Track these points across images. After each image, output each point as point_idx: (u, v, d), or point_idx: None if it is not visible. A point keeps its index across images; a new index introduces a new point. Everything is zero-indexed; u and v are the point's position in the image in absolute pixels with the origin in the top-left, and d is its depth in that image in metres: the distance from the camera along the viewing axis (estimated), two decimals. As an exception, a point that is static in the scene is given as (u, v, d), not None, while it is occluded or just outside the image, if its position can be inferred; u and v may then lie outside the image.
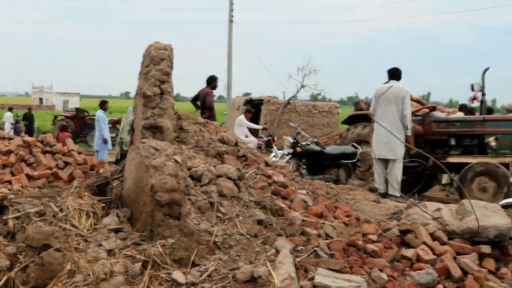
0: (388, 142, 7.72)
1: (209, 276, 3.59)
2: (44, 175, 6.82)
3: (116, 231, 4.21)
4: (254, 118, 16.27)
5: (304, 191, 5.55)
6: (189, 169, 4.66)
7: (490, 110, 10.92)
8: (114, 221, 4.38)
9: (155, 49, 5.44)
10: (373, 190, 8.00)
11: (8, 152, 7.15)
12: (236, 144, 6.13)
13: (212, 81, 10.12)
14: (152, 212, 4.05)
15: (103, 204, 4.76)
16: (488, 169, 7.86)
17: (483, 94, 9.40)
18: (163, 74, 5.36)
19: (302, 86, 16.37)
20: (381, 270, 3.87)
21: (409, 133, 7.80)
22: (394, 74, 7.92)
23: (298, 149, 8.22)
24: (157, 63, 5.40)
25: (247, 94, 16.76)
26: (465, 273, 4.36)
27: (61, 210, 4.35)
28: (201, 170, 4.63)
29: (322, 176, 8.43)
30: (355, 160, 8.77)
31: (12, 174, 6.85)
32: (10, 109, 27.60)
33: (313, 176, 8.28)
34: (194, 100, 10.56)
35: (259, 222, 4.33)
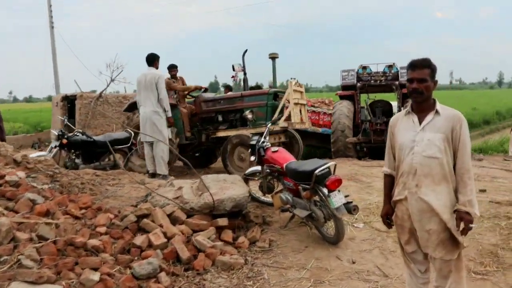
0: (145, 125, 7.78)
1: None
2: None
3: None
4: (71, 113, 16.38)
5: (46, 187, 5.11)
6: None
7: (258, 87, 11.67)
8: None
9: None
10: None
11: None
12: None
13: None
14: None
15: None
16: (242, 140, 8.44)
17: (245, 73, 10.19)
18: None
19: (112, 80, 16.76)
20: (96, 269, 3.63)
21: (169, 114, 7.90)
22: (148, 60, 7.92)
23: (64, 141, 7.85)
24: None
25: (84, 92, 16.79)
26: (200, 250, 4.38)
27: None
28: None
29: (98, 163, 8.15)
30: (129, 145, 8.61)
31: None
32: None
33: (88, 165, 7.91)
34: None
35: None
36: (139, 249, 4.14)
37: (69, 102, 16.59)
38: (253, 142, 5.70)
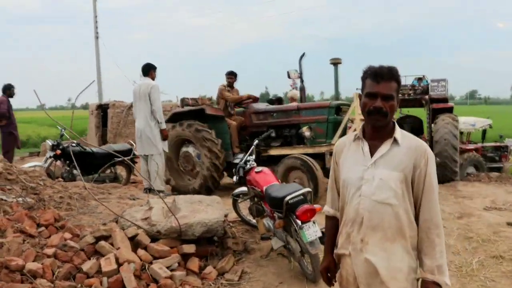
0: (141, 138, 7.52)
1: None
2: None
3: None
4: (104, 121, 16.87)
5: (17, 200, 4.88)
6: None
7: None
8: None
9: None
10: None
11: None
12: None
13: (7, 90, 9.88)
14: None
15: None
16: (294, 164, 7.26)
17: (302, 81, 8.83)
18: None
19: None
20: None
21: (163, 126, 7.56)
22: (143, 70, 7.62)
23: (58, 152, 7.68)
24: None
25: (116, 100, 17.05)
26: (156, 280, 3.98)
27: None
28: None
29: (97, 175, 7.93)
30: (130, 157, 8.26)
31: None
32: None
33: (87, 176, 7.72)
34: None
35: None
36: (86, 276, 3.78)
37: (103, 110, 16.80)
38: (237, 161, 5.26)
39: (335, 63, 8.71)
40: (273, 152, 8.07)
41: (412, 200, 2.16)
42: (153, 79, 7.51)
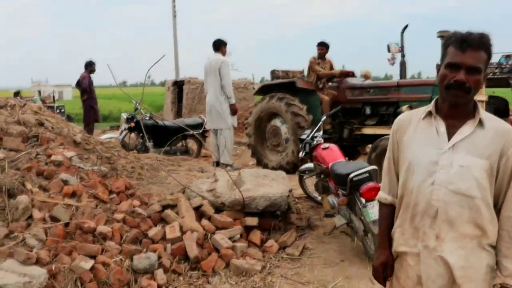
0: (211, 112, 7.61)
1: None
2: None
3: None
4: (179, 97, 17.22)
5: (93, 168, 5.15)
6: None
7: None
8: None
9: None
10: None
11: None
12: (42, 125, 5.72)
13: (88, 66, 10.39)
14: None
15: None
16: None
17: (403, 55, 8.01)
18: None
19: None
20: (93, 257, 3.51)
21: (232, 101, 7.58)
22: (214, 45, 7.65)
23: (132, 124, 7.98)
24: None
25: (191, 77, 17.53)
26: (217, 250, 4.08)
27: None
28: None
29: (169, 148, 8.15)
30: (201, 131, 8.48)
31: None
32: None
33: (159, 149, 7.97)
34: (77, 84, 10.66)
35: (-13, 208, 3.91)
36: (151, 241, 3.95)
37: (178, 87, 17.24)
38: (303, 136, 5.21)
39: (443, 36, 7.27)
40: (368, 130, 7.56)
41: (493, 192, 1.84)
42: (224, 54, 7.58)
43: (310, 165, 5.40)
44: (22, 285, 2.99)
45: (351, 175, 4.00)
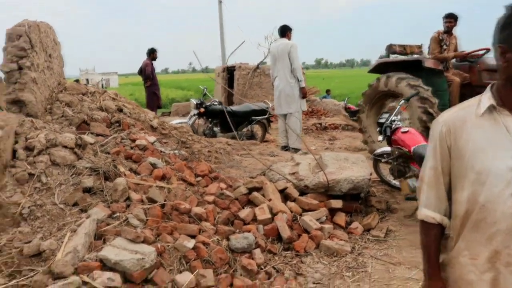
0: (280, 96, 7.64)
1: (0, 251, 3.41)
2: None
3: None
4: (230, 83, 17.19)
5: (172, 152, 5.33)
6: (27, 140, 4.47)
7: None
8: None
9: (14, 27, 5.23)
10: None
11: None
12: (120, 111, 5.94)
13: (151, 53, 10.69)
14: (-38, 188, 3.86)
15: None
16: None
17: None
18: (19, 50, 5.15)
19: (270, 52, 17.38)
20: (193, 236, 3.67)
21: (302, 84, 7.57)
22: (280, 31, 7.69)
23: (201, 110, 8.12)
24: (13, 40, 5.19)
25: (242, 63, 17.67)
26: (306, 231, 4.17)
27: None
28: (36, 141, 4.41)
29: (236, 133, 8.26)
30: (266, 116, 8.54)
31: None
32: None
33: (226, 134, 8.10)
34: (139, 72, 11.00)
35: (88, 190, 4.12)
36: (242, 222, 4.07)
37: (229, 73, 17.37)
38: (382, 120, 5.20)
39: None
40: None
41: None
42: (289, 39, 7.62)
43: (385, 148, 5.40)
44: (136, 261, 3.16)
45: None
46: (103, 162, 4.53)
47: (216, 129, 8.20)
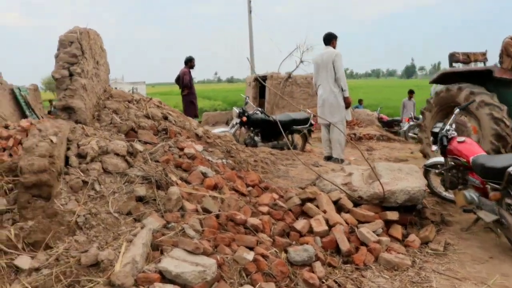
0: (323, 106, 7.52)
1: (57, 259, 3.37)
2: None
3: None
4: (261, 92, 17.51)
5: (220, 161, 5.26)
6: (79, 147, 4.47)
7: None
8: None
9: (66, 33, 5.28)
10: None
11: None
12: (166, 119, 5.93)
13: (188, 62, 10.73)
14: (18, 194, 3.85)
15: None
16: None
17: None
18: (71, 56, 5.20)
19: (301, 62, 17.30)
20: (251, 248, 3.57)
21: (346, 94, 7.42)
22: (324, 39, 7.54)
23: (244, 118, 8.06)
24: (65, 47, 5.24)
25: (274, 72, 17.88)
26: (363, 243, 4.04)
27: None
28: (88, 147, 4.40)
29: (276, 142, 8.18)
30: (307, 126, 8.45)
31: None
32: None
33: (267, 143, 8.03)
34: (177, 80, 11.02)
35: (140, 198, 4.07)
36: (299, 234, 3.97)
37: (260, 82, 17.39)
38: (436, 130, 5.04)
39: None
40: None
41: None
42: (334, 47, 7.50)
43: (437, 159, 5.24)
44: (197, 274, 3.08)
45: (510, 169, 3.81)
46: (154, 171, 4.48)
47: (257, 138, 8.13)
